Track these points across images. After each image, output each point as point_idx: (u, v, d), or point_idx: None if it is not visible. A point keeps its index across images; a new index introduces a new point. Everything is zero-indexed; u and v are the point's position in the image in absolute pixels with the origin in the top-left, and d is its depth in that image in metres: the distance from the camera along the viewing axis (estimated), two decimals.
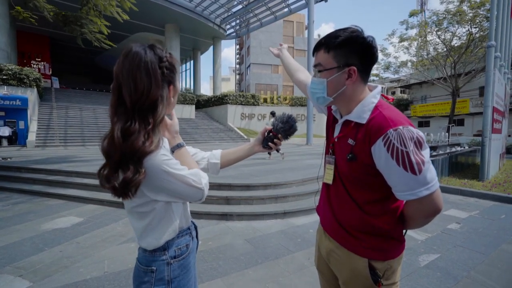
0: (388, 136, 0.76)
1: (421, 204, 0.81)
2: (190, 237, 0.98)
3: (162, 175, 0.77)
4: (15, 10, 6.06)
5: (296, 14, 27.11)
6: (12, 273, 2.39)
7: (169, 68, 0.83)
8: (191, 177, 0.83)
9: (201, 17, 23.04)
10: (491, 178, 6.51)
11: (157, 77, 0.78)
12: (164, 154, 0.78)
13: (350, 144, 0.87)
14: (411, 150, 0.75)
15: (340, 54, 0.85)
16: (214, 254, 2.78)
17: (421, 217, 0.87)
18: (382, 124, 0.79)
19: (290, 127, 1.03)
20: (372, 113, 0.85)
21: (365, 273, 0.89)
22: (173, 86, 0.86)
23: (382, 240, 0.90)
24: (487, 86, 6.36)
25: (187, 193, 0.84)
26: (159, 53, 0.81)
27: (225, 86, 52.11)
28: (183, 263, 0.92)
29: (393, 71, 22.51)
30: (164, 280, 0.88)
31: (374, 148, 0.80)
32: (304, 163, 7.22)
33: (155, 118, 0.79)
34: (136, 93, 0.76)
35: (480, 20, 16.35)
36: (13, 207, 4.37)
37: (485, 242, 3.15)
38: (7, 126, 12.61)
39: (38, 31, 22.35)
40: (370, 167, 0.83)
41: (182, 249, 0.93)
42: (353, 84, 0.87)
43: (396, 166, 0.76)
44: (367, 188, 0.89)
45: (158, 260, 0.88)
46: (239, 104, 22.09)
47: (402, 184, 0.79)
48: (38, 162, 7.13)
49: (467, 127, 24.14)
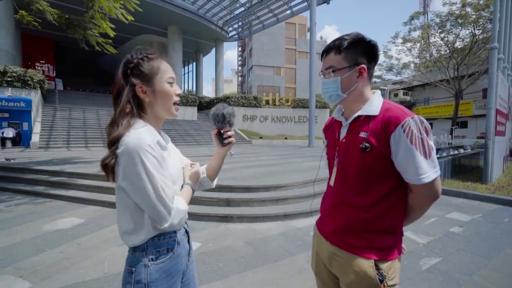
0: (408, 123, 0.84)
1: (429, 188, 0.88)
2: (175, 241, 0.95)
3: (134, 159, 0.81)
4: (19, 14, 6.12)
5: (298, 16, 27.17)
6: (13, 273, 2.39)
7: (134, 68, 0.92)
8: (165, 187, 0.85)
9: (203, 19, 23.17)
10: (495, 181, 6.45)
11: (118, 76, 0.92)
12: (150, 145, 0.83)
13: (363, 137, 0.92)
14: (424, 136, 0.85)
15: (350, 55, 0.94)
16: (214, 256, 2.77)
17: (425, 204, 0.95)
18: (399, 113, 0.88)
19: (223, 116, 1.03)
20: (383, 106, 0.93)
21: (372, 274, 0.91)
22: (142, 85, 0.91)
23: (387, 238, 0.94)
24: (490, 88, 6.32)
25: (147, 202, 0.84)
26: (129, 57, 0.93)
27: (227, 88, 52.26)
28: (163, 268, 0.90)
29: (396, 72, 22.45)
30: (141, 283, 0.87)
31: (394, 135, 0.86)
32: (305, 165, 7.21)
33: (116, 109, 0.90)
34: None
35: (484, 22, 16.28)
36: (16, 207, 4.40)
37: (488, 246, 3.11)
38: (11, 128, 12.73)
39: (43, 34, 22.53)
40: (384, 156, 0.89)
41: (162, 252, 0.91)
42: (363, 81, 0.96)
43: (414, 150, 0.84)
44: (375, 182, 0.93)
45: (138, 261, 0.89)
46: (241, 106, 22.14)
47: (418, 168, 0.85)
48: (41, 163, 7.18)
49: (470, 129, 23.98)
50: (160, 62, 0.94)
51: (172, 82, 0.96)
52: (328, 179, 1.10)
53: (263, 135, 21.81)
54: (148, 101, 0.93)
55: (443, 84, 20.27)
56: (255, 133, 21.82)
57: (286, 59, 37.38)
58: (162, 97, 0.93)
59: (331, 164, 1.08)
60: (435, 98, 26.54)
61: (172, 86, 0.96)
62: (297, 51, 37.76)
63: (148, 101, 0.93)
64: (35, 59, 23.90)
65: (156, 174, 0.83)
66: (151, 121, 0.95)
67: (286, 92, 34.98)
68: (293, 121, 23.50)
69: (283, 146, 17.40)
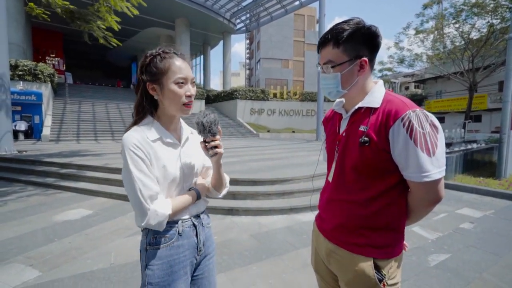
0: (408, 117, 0.78)
1: (429, 189, 0.82)
2: (176, 231, 0.97)
3: (123, 155, 0.89)
4: (28, 7, 6.17)
5: (307, 7, 26.62)
6: (24, 262, 2.46)
7: (147, 66, 0.94)
8: (142, 187, 0.87)
9: (211, 11, 22.95)
10: (509, 177, 6.24)
11: (138, 74, 0.97)
12: (134, 144, 0.87)
13: (363, 130, 0.87)
14: (427, 132, 0.77)
15: (350, 47, 0.86)
16: (219, 249, 2.78)
17: (424, 207, 0.88)
18: (400, 106, 0.81)
19: (202, 125, 0.94)
20: (385, 98, 0.87)
21: (371, 273, 0.87)
22: (154, 84, 0.93)
23: (387, 235, 0.89)
24: (506, 81, 6.07)
25: (129, 198, 0.90)
26: (148, 53, 0.96)
27: (235, 81, 52.07)
28: (158, 254, 0.93)
29: (407, 64, 21.84)
30: (143, 264, 0.95)
31: (393, 129, 0.80)
32: (312, 159, 7.14)
33: (134, 106, 0.99)
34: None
35: (502, 11, 15.58)
36: (27, 198, 4.52)
37: (499, 243, 3.02)
38: (23, 121, 13.04)
39: (52, 27, 22.81)
40: (384, 151, 0.83)
41: (158, 239, 0.94)
42: (364, 74, 0.89)
43: (413, 146, 0.78)
44: (375, 177, 0.87)
45: (142, 244, 0.97)
46: (248, 99, 22.03)
47: (417, 166, 0.79)
48: (52, 155, 7.35)
49: (484, 123, 23.26)
50: (172, 62, 0.93)
51: (183, 83, 0.93)
52: (327, 174, 1.05)
53: (271, 129, 21.70)
54: (158, 99, 0.95)
55: (456, 77, 19.62)
56: (262, 127, 21.73)
57: (294, 51, 36.82)
58: (170, 96, 0.93)
59: (331, 159, 1.02)
60: (448, 91, 25.75)
61: (182, 86, 0.93)
62: (306, 43, 37.09)
63: (158, 99, 0.95)
64: (45, 52, 24.25)
65: (136, 173, 0.86)
66: (163, 118, 0.99)
67: (294, 85, 34.60)
68: (301, 115, 23.27)
69: (291, 140, 17.30)
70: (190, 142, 1.07)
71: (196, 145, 1.06)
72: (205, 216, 1.11)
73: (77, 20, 6.70)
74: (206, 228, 1.08)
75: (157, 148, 0.93)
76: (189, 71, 0.96)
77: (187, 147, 1.04)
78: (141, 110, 0.96)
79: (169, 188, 0.95)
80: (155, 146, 0.92)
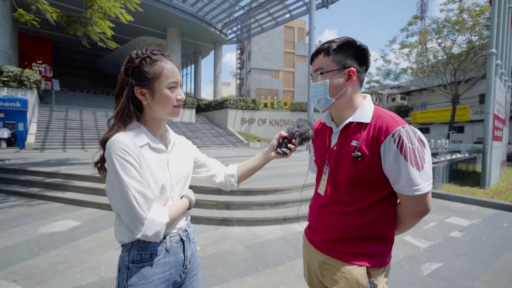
0: (398, 133, 0.81)
1: (418, 202, 0.86)
2: (163, 248, 0.90)
3: (109, 162, 0.81)
4: (17, 13, 6.06)
5: (297, 20, 27.38)
6: (6, 278, 2.33)
7: (135, 69, 0.87)
8: (137, 194, 0.79)
9: (202, 22, 23.23)
10: (493, 186, 6.47)
11: (120, 74, 0.89)
12: (122, 149, 0.79)
13: (354, 145, 0.89)
14: (416, 147, 0.81)
15: (339, 57, 0.91)
16: (213, 261, 2.73)
17: (413, 218, 0.92)
18: (390, 122, 0.84)
19: (306, 130, 1.02)
20: (375, 113, 0.90)
21: (364, 282, 0.88)
22: (143, 89, 0.87)
23: (380, 244, 0.92)
24: (488, 94, 6.37)
25: (120, 208, 0.82)
26: (133, 55, 0.89)
27: (226, 90, 52.25)
28: (143, 273, 0.86)
29: (393, 78, 22.63)
30: (122, 284, 0.86)
31: (384, 145, 0.83)
32: (304, 169, 7.16)
33: (116, 107, 0.89)
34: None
35: (480, 29, 16.49)
36: (10, 209, 4.31)
37: (488, 251, 3.10)
38: (6, 128, 12.59)
39: (40, 34, 22.48)
40: (376, 165, 0.86)
41: (144, 256, 0.86)
42: (352, 85, 0.92)
43: (404, 161, 0.81)
44: (367, 190, 0.90)
45: (123, 260, 0.88)
46: (239, 109, 22.13)
47: (408, 179, 0.82)
48: (36, 164, 7.09)
49: (467, 134, 24.16)
50: (163, 66, 0.88)
51: (175, 87, 0.90)
52: (316, 186, 1.06)
53: (261, 138, 21.78)
54: (147, 103, 0.89)
55: (440, 89, 20.46)
56: (253, 136, 21.79)
57: (284, 62, 37.53)
58: (162, 101, 0.88)
59: (320, 171, 1.04)
60: (432, 103, 26.75)
61: (174, 90, 0.90)
62: (296, 54, 37.92)
63: (147, 103, 0.89)
64: (32, 59, 23.67)
65: (127, 180, 0.78)
66: (150, 123, 0.93)
67: (284, 95, 35.09)
68: None
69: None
70: (177, 149, 1.01)
71: (183, 152, 1.02)
72: (192, 230, 1.05)
73: (74, 23, 6.62)
74: (192, 244, 1.03)
75: (145, 154, 0.86)
76: (178, 73, 0.93)
77: (175, 153, 0.98)
78: (126, 116, 0.87)
79: (158, 197, 0.89)
80: (143, 151, 0.85)
